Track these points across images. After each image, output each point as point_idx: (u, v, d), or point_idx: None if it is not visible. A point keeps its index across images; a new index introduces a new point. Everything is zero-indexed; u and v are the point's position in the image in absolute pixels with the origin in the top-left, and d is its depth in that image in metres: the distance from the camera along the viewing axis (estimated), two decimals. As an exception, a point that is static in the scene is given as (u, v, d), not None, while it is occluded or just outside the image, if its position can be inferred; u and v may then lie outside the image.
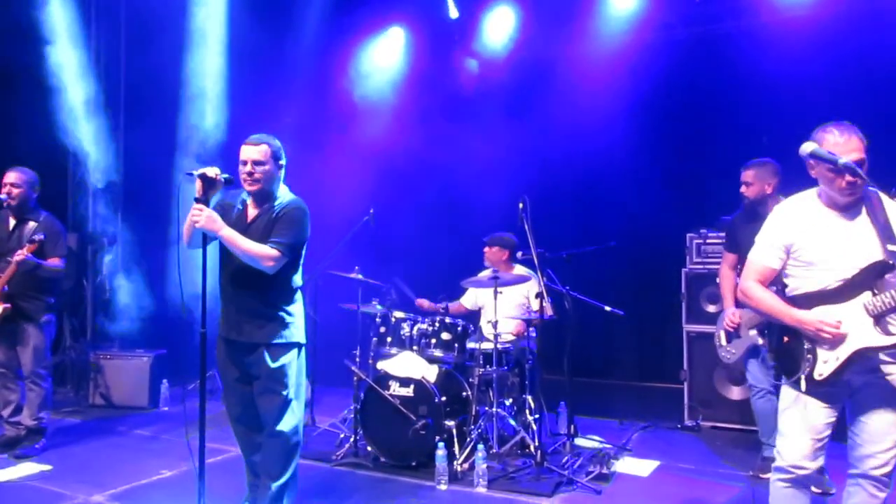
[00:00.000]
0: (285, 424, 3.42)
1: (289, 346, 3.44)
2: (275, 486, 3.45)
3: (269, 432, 3.43)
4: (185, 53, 7.53)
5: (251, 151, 3.39)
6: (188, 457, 4.30)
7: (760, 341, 4.26)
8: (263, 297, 3.40)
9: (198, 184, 3.15)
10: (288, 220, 3.40)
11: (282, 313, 3.43)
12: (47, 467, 4.63)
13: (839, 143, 2.64)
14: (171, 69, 7.44)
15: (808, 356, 2.68)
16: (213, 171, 3.16)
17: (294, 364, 3.47)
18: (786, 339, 2.77)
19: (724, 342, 4.52)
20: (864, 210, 2.70)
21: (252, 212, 3.49)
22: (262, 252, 3.28)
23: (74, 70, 7.39)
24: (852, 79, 5.70)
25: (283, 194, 3.53)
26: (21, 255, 4.61)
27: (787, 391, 2.80)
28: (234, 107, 7.70)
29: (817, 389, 2.69)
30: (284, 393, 3.41)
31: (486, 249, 5.45)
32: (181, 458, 4.76)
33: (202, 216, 3.14)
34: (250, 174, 3.38)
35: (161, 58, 7.34)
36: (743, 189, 4.37)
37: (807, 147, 2.66)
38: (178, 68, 7.52)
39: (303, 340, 3.54)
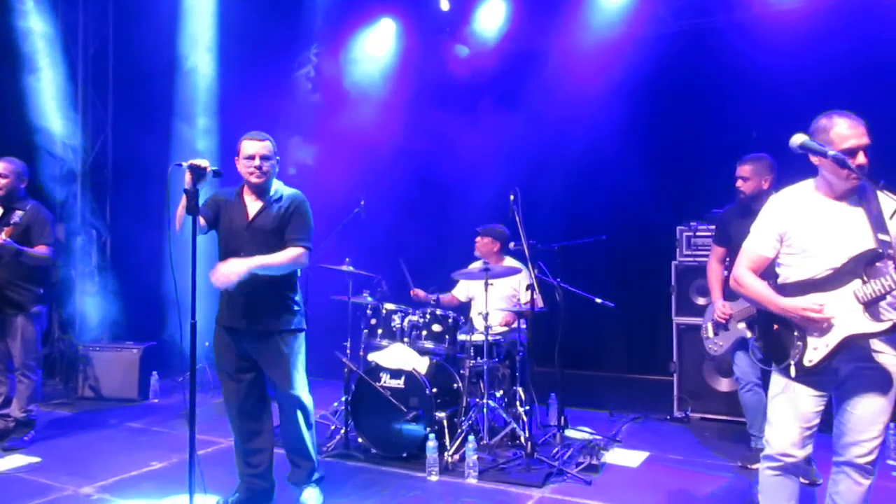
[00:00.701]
0: (307, 399, 3.65)
1: (299, 332, 3.65)
2: (308, 465, 3.71)
3: (293, 413, 3.62)
4: (175, 50, 7.51)
5: (258, 147, 3.56)
6: (178, 448, 4.31)
7: (749, 334, 4.27)
8: (277, 286, 3.56)
9: (187, 175, 3.14)
10: (301, 215, 3.61)
11: (291, 302, 3.62)
12: (36, 459, 4.61)
13: (850, 129, 2.65)
14: (160, 56, 7.40)
15: (798, 343, 2.71)
16: (203, 163, 3.16)
17: (302, 348, 3.67)
18: (775, 326, 2.80)
19: (711, 334, 4.55)
20: (859, 201, 2.72)
21: (252, 205, 3.60)
22: (295, 256, 3.51)
23: (60, 56, 7.35)
24: (843, 72, 5.72)
25: (280, 187, 3.68)
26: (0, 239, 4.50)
27: (776, 379, 2.82)
28: (224, 102, 7.68)
29: (806, 377, 2.71)
30: (299, 373, 3.63)
31: (478, 240, 5.45)
32: (171, 449, 4.77)
33: (231, 272, 3.28)
34: (259, 167, 3.54)
35: (150, 44, 7.30)
36: (739, 184, 4.34)
37: (796, 139, 2.67)
38: (168, 56, 7.49)
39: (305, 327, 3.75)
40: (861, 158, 2.64)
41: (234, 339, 3.57)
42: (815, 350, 2.67)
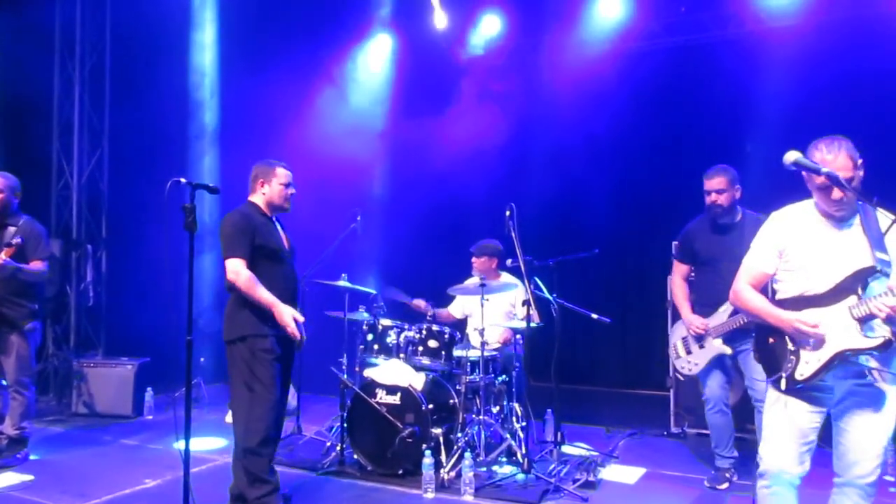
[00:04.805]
0: None
1: None
2: None
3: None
4: (173, 65, 7.54)
5: (291, 176, 3.87)
6: (172, 466, 4.28)
7: (728, 351, 4.20)
8: None
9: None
10: None
11: None
12: (29, 477, 4.56)
13: (826, 161, 2.65)
14: (157, 71, 7.43)
15: (791, 357, 2.73)
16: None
17: None
18: (771, 339, 2.82)
19: (682, 353, 4.43)
20: (858, 222, 2.74)
21: (281, 231, 3.92)
22: None
23: (57, 71, 7.38)
24: (836, 87, 5.77)
25: None
26: None
27: (771, 393, 2.83)
28: (224, 116, 7.70)
29: (799, 391, 2.72)
30: None
31: (474, 260, 5.41)
32: (165, 467, 4.73)
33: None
34: (292, 196, 3.89)
35: (148, 58, 7.33)
36: (714, 198, 4.23)
37: (790, 156, 2.67)
38: (165, 70, 7.51)
39: None
40: (836, 194, 2.64)
41: (288, 347, 3.82)
42: (807, 364, 2.68)
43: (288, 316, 3.63)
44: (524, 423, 4.84)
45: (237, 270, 3.62)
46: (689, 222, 4.58)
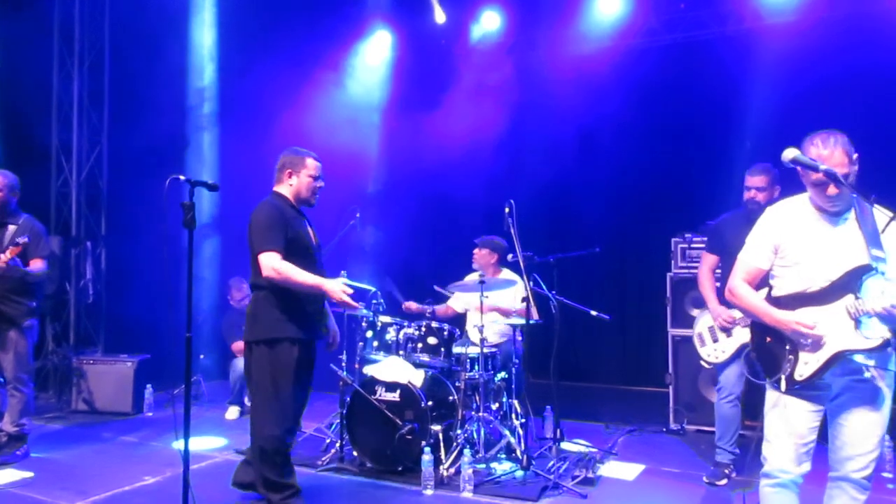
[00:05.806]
0: None
1: None
2: None
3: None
4: (172, 61, 7.53)
5: (321, 169, 3.76)
6: (172, 463, 4.29)
7: None
8: None
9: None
10: None
11: None
12: (29, 474, 4.57)
13: (822, 157, 2.63)
14: (156, 67, 7.42)
15: (790, 357, 2.72)
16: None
17: None
18: (768, 339, 2.81)
19: (709, 341, 4.47)
20: (853, 217, 2.73)
21: (309, 226, 3.81)
22: None
23: (56, 68, 7.36)
24: (835, 84, 5.77)
25: None
26: (4, 259, 4.48)
27: (770, 394, 2.83)
28: (222, 111, 7.67)
29: (798, 391, 2.72)
30: None
31: (476, 251, 5.46)
32: (165, 464, 4.73)
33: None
34: (320, 190, 3.78)
35: (146, 55, 7.32)
36: (753, 194, 4.22)
37: (789, 153, 2.66)
38: (164, 66, 7.50)
39: None
40: (831, 190, 2.63)
41: (312, 348, 3.76)
42: (806, 364, 2.68)
43: (339, 291, 3.48)
44: (523, 420, 4.84)
45: (273, 265, 3.45)
46: (722, 214, 4.56)
